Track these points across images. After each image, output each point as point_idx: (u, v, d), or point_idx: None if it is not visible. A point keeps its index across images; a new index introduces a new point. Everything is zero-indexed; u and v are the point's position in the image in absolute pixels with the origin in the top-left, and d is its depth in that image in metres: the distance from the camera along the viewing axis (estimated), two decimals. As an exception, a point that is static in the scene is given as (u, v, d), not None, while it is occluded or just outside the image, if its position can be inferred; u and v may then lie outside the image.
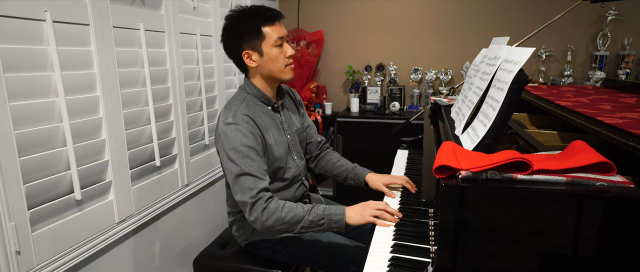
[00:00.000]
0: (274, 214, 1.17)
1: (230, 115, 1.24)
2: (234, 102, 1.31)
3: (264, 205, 1.17)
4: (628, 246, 0.68)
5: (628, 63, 2.66)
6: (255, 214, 1.17)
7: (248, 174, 1.18)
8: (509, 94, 0.87)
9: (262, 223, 1.17)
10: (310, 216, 1.19)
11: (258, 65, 1.30)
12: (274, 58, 1.28)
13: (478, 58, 1.42)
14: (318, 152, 1.61)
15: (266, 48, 1.27)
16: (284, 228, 1.19)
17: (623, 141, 0.80)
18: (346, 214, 1.21)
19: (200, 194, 2.02)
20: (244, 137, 1.20)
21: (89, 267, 1.33)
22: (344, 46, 3.24)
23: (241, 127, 1.22)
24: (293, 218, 1.18)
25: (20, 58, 1.06)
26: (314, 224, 1.19)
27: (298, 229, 1.19)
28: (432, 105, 1.85)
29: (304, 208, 1.20)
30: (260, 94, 1.35)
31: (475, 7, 2.93)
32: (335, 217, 1.20)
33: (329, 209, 1.21)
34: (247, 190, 1.17)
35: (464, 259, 0.76)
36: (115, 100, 1.37)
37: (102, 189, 1.35)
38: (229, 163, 1.20)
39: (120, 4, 1.41)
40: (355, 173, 1.51)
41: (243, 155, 1.19)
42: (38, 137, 1.12)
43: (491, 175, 0.74)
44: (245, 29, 1.27)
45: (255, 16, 1.26)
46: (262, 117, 1.31)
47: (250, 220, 1.19)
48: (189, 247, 1.94)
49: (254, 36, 1.26)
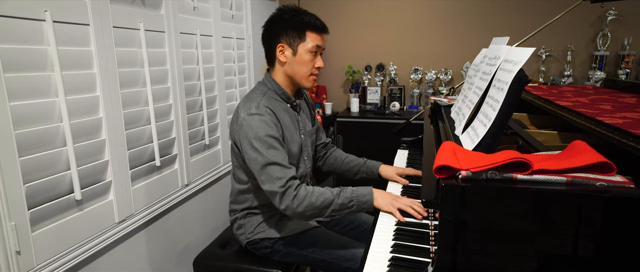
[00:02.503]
0: (305, 200, 1.19)
1: (253, 106, 1.27)
2: (255, 95, 1.34)
3: (294, 193, 1.20)
4: (628, 246, 0.68)
5: (628, 63, 2.66)
6: (286, 202, 1.20)
7: (275, 164, 1.21)
8: (509, 94, 0.87)
9: (293, 210, 1.20)
10: (339, 199, 1.22)
11: (286, 63, 1.34)
12: (304, 62, 1.33)
13: (478, 58, 1.42)
14: (325, 152, 1.67)
15: (301, 50, 1.32)
16: (315, 213, 1.22)
17: (623, 141, 0.80)
18: (374, 196, 1.24)
19: (200, 194, 2.02)
20: (268, 127, 1.23)
21: (89, 267, 1.33)
22: (344, 46, 3.24)
23: (265, 117, 1.24)
24: (323, 202, 1.21)
25: (20, 58, 1.06)
26: (344, 206, 1.23)
27: (328, 212, 1.22)
28: (432, 105, 1.85)
29: (332, 192, 1.23)
30: (280, 91, 1.38)
31: (475, 7, 2.93)
32: (363, 198, 1.24)
33: (357, 191, 1.24)
34: (275, 179, 1.20)
35: (464, 259, 0.76)
36: (115, 100, 1.37)
37: (102, 189, 1.35)
38: (254, 153, 1.22)
39: (120, 4, 1.41)
40: (367, 166, 1.59)
41: (268, 145, 1.22)
42: (38, 137, 1.12)
43: (491, 175, 0.74)
44: (291, 25, 1.31)
45: (305, 19, 1.32)
46: (281, 113, 1.34)
47: (282, 208, 1.21)
48: (189, 247, 1.94)
49: (296, 34, 1.31)
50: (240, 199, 1.43)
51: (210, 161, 2.07)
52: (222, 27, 2.14)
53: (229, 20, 2.24)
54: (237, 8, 2.33)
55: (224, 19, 2.18)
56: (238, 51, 2.34)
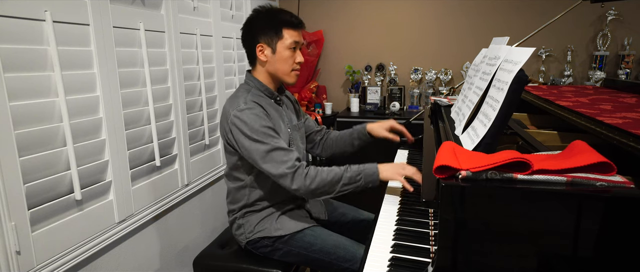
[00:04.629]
0: (317, 177, 1.24)
1: (241, 103, 1.30)
2: (239, 93, 1.37)
3: (305, 171, 1.24)
4: (628, 246, 0.68)
5: (628, 63, 2.66)
6: (298, 181, 1.23)
7: (277, 148, 1.24)
8: (509, 94, 0.87)
9: (307, 188, 1.24)
10: (348, 173, 1.27)
11: (267, 61, 1.37)
12: (284, 59, 1.36)
13: (478, 58, 1.42)
14: (321, 137, 1.70)
15: (280, 47, 1.35)
16: (327, 189, 1.26)
17: (623, 141, 0.80)
18: (379, 169, 1.29)
19: (200, 194, 2.03)
20: (260, 119, 1.27)
21: (89, 267, 1.33)
22: (344, 46, 3.24)
23: (255, 110, 1.28)
24: (333, 178, 1.25)
25: (20, 58, 1.06)
26: (353, 180, 1.27)
27: (339, 187, 1.26)
28: (432, 105, 1.85)
29: (340, 168, 1.28)
30: (263, 87, 1.41)
31: (475, 7, 2.93)
32: (370, 171, 1.28)
33: (363, 166, 1.29)
34: (281, 163, 1.23)
35: (464, 259, 0.76)
36: (115, 100, 1.37)
37: (102, 189, 1.35)
38: (254, 144, 1.25)
39: (120, 4, 1.41)
40: (357, 131, 1.63)
41: (266, 134, 1.26)
42: (38, 137, 1.12)
43: (491, 175, 0.74)
44: (267, 25, 1.35)
45: (280, 17, 1.35)
46: (267, 108, 1.36)
47: (294, 188, 1.24)
48: (189, 247, 1.94)
49: (273, 33, 1.34)
50: (237, 198, 1.44)
51: (210, 161, 2.07)
52: (222, 27, 2.14)
53: (229, 20, 2.24)
54: (237, 8, 2.33)
55: (224, 19, 2.18)
56: (238, 51, 2.34)
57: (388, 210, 1.28)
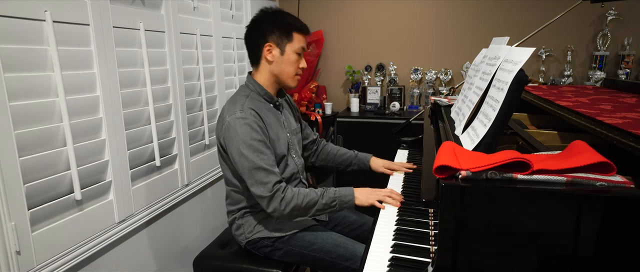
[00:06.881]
0: (291, 202, 1.25)
1: (237, 109, 1.30)
2: (238, 97, 1.37)
3: (282, 195, 1.25)
4: (628, 246, 0.68)
5: (628, 63, 2.66)
6: (273, 205, 1.25)
7: (261, 168, 1.25)
8: (509, 94, 0.87)
9: (281, 212, 1.27)
10: (323, 199, 1.29)
11: (274, 62, 1.38)
12: (291, 62, 1.38)
13: (478, 58, 1.42)
14: (316, 147, 1.72)
15: (289, 50, 1.37)
16: (301, 214, 1.30)
17: (623, 141, 0.80)
18: (355, 195, 1.32)
19: (200, 194, 2.02)
20: (252, 131, 1.27)
21: (89, 267, 1.33)
22: (344, 46, 3.24)
23: (249, 120, 1.27)
24: (308, 203, 1.28)
25: (20, 58, 1.06)
26: (327, 206, 1.30)
27: (313, 211, 1.30)
28: (432, 105, 1.85)
29: (316, 193, 1.30)
30: (263, 92, 1.41)
31: (475, 7, 2.93)
32: (345, 198, 1.31)
33: (339, 191, 1.32)
34: (261, 184, 1.25)
35: (464, 259, 0.76)
36: (115, 100, 1.37)
37: (102, 189, 1.35)
38: (241, 158, 1.26)
39: (120, 4, 1.41)
40: (358, 159, 1.68)
41: (254, 149, 1.26)
42: (38, 137, 1.12)
43: (491, 175, 0.74)
44: (278, 25, 1.35)
45: (290, 20, 1.37)
46: (265, 114, 1.37)
47: (269, 211, 1.27)
48: (189, 247, 1.94)
49: (283, 34, 1.36)
50: (235, 200, 1.44)
51: (210, 161, 2.07)
52: (222, 27, 2.14)
53: (229, 20, 2.24)
54: (237, 8, 2.33)
55: (224, 19, 2.18)
56: (238, 51, 2.34)
57: (388, 210, 1.28)
